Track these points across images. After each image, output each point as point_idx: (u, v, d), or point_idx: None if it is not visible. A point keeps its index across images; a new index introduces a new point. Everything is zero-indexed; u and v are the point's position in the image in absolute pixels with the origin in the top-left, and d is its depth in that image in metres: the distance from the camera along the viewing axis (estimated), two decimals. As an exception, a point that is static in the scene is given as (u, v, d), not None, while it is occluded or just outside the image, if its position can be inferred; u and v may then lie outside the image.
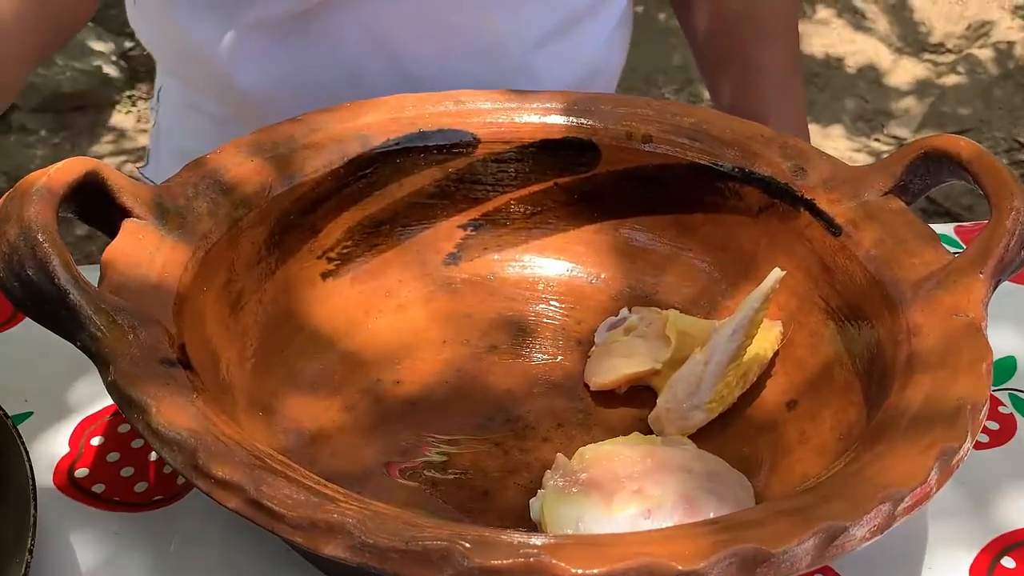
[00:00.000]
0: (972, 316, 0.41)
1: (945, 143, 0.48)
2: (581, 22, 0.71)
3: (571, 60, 0.71)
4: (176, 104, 0.78)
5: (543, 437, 0.49)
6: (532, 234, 0.59)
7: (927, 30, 2.51)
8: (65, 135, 2.12)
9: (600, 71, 0.74)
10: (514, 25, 0.68)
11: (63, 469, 0.47)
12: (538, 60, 0.69)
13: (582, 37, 0.71)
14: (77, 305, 0.37)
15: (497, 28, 0.68)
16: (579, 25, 0.70)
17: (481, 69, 0.67)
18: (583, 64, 0.72)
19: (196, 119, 0.76)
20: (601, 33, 0.72)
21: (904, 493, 0.33)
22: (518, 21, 0.68)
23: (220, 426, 0.35)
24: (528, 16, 0.68)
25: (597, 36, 0.72)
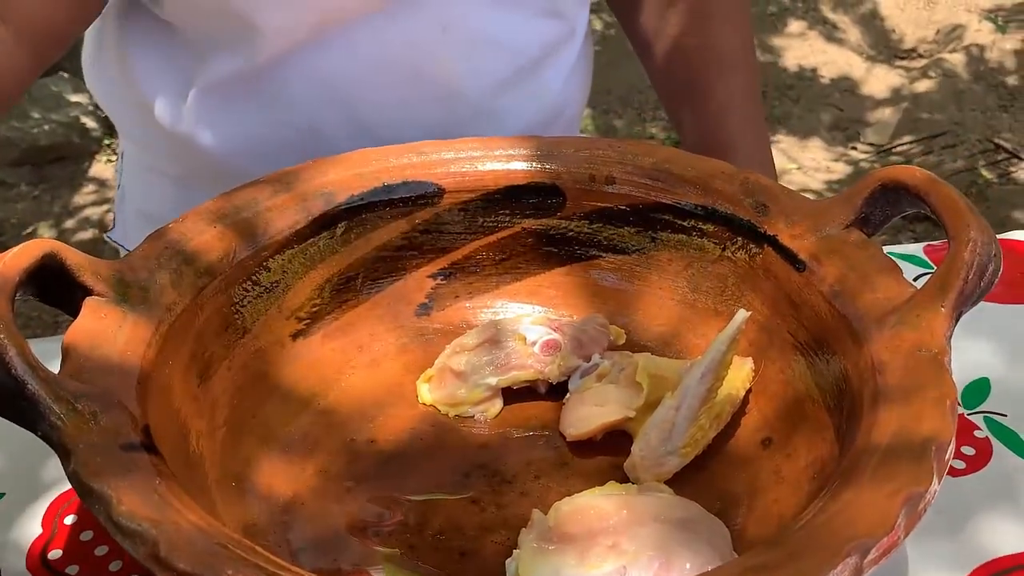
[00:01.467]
0: (935, 351, 0.41)
1: (902, 174, 0.48)
2: (539, 65, 0.71)
3: (532, 102, 0.71)
4: (137, 167, 0.78)
5: (520, 491, 0.49)
6: (503, 280, 0.60)
7: (898, 37, 2.54)
8: (45, 187, 2.12)
9: (562, 110, 0.74)
10: (470, 72, 0.68)
11: (36, 553, 0.47)
12: (498, 104, 0.70)
13: (541, 79, 0.71)
14: (36, 395, 0.37)
15: (453, 75, 0.68)
16: (537, 68, 0.71)
17: (441, 115, 0.68)
18: (545, 105, 0.72)
19: (157, 181, 0.76)
20: (560, 73, 0.72)
21: (871, 544, 0.33)
22: (473, 68, 0.68)
23: (184, 512, 0.34)
24: (482, 63, 0.68)
25: (556, 77, 0.72)
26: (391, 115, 0.67)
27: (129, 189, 0.79)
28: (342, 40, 0.65)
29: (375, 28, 0.65)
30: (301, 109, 0.67)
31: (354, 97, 0.67)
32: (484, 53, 0.68)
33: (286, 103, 0.66)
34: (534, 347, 0.53)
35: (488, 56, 0.68)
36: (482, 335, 0.54)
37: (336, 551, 0.45)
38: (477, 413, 0.53)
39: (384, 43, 0.65)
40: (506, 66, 0.69)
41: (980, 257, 0.43)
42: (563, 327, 0.54)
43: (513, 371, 0.53)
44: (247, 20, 0.63)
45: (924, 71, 2.38)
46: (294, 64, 0.65)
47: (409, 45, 0.66)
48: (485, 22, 0.67)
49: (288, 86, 0.66)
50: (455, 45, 0.67)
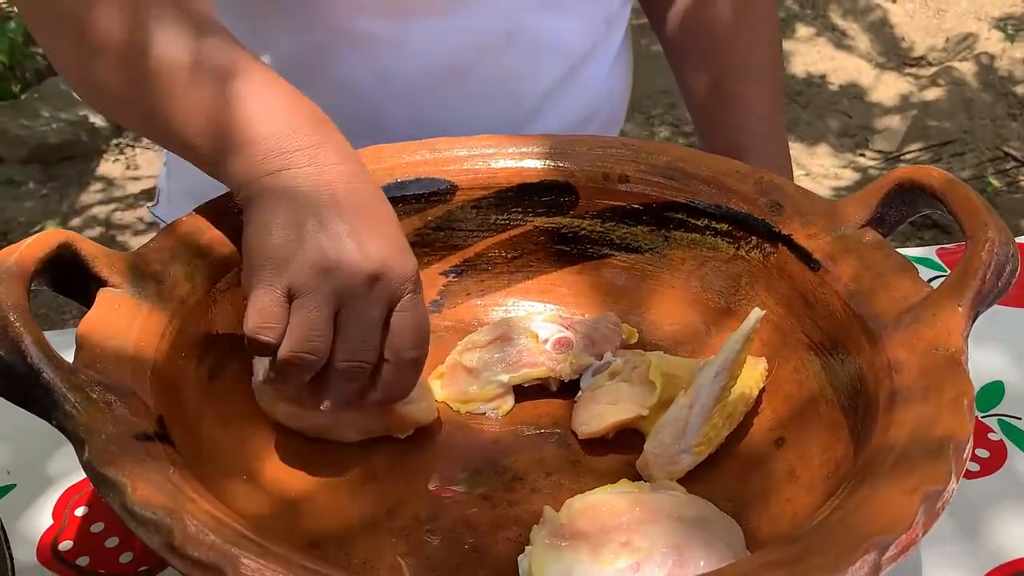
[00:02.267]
0: (952, 350, 0.41)
1: (918, 174, 0.48)
2: (584, 64, 0.71)
3: (574, 101, 0.72)
4: None
5: (532, 488, 0.48)
6: (514, 278, 0.59)
7: (908, 45, 2.53)
8: (53, 186, 2.12)
9: (601, 107, 0.74)
10: (530, 75, 0.69)
11: (47, 543, 0.47)
12: (547, 104, 0.70)
13: (584, 78, 0.72)
14: (51, 383, 0.37)
15: (513, 78, 0.68)
16: (582, 67, 0.71)
17: (497, 115, 0.68)
18: (585, 104, 0.73)
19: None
20: (599, 71, 0.73)
21: (889, 541, 0.33)
22: (532, 71, 0.69)
23: (198, 501, 0.34)
24: (541, 66, 0.69)
25: (596, 75, 0.73)
26: (451, 113, 0.67)
27: (174, 167, 0.79)
28: (411, 36, 0.65)
29: (444, 28, 0.65)
30: (364, 98, 0.66)
31: (415, 93, 0.67)
32: (543, 57, 0.69)
33: (349, 92, 0.66)
34: (546, 345, 0.53)
35: (546, 60, 0.69)
36: (494, 332, 0.54)
37: (348, 546, 0.45)
38: (488, 410, 0.53)
39: (452, 43, 0.66)
40: (560, 69, 0.70)
41: (998, 257, 0.43)
42: (575, 325, 0.54)
43: (525, 368, 0.53)
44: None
45: (933, 79, 2.38)
46: (360, 55, 0.65)
47: (475, 47, 0.66)
48: (546, 27, 0.68)
49: (350, 75, 0.66)
50: (518, 49, 0.67)
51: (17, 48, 2.26)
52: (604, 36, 0.73)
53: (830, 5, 2.66)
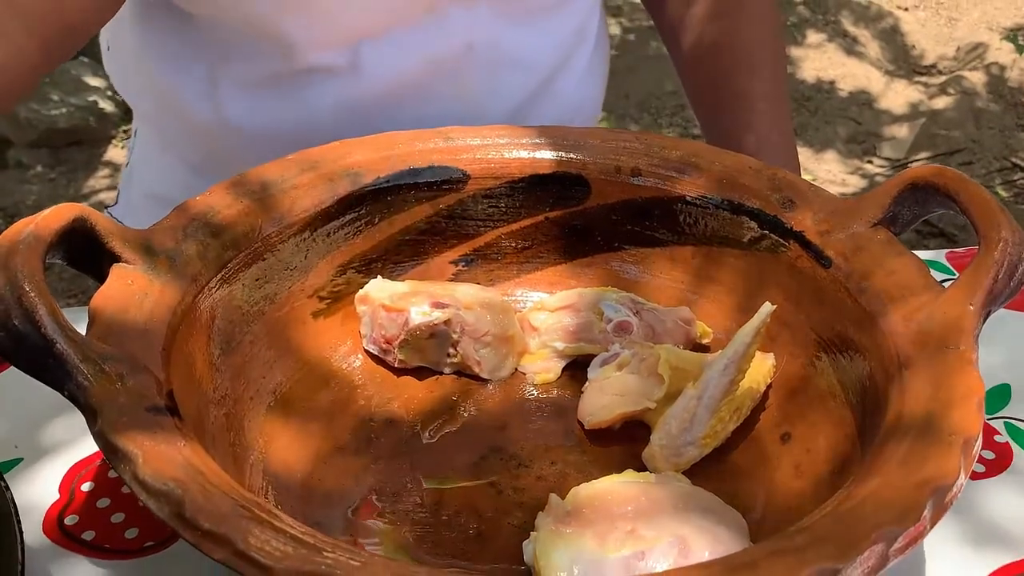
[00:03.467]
0: (963, 348, 0.41)
1: (932, 174, 0.48)
2: (553, 78, 0.71)
3: (546, 114, 0.71)
4: (151, 148, 0.78)
5: (537, 475, 0.48)
6: (523, 268, 0.60)
7: (918, 53, 2.53)
8: (61, 171, 2.13)
9: (572, 119, 0.74)
10: (492, 91, 0.68)
11: (52, 517, 0.47)
12: (516, 120, 0.70)
13: (554, 92, 0.72)
14: (64, 354, 0.37)
15: (476, 94, 0.68)
16: (551, 81, 0.71)
17: None
18: (556, 117, 0.72)
19: (169, 163, 0.76)
20: (573, 78, 0.73)
21: (898, 532, 0.33)
22: (495, 87, 0.68)
23: (207, 475, 0.34)
24: (504, 82, 0.69)
25: (567, 87, 0.73)
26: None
27: (139, 169, 0.79)
28: (367, 60, 0.65)
29: (400, 49, 0.65)
30: (326, 121, 0.67)
31: (377, 116, 0.67)
32: (506, 72, 0.68)
33: (309, 119, 0.66)
34: (608, 325, 0.54)
35: (510, 76, 0.69)
36: (565, 300, 0.55)
37: (352, 529, 0.45)
38: (531, 373, 0.54)
39: (409, 64, 0.65)
40: (526, 84, 0.70)
41: (1011, 257, 0.43)
42: (643, 312, 0.54)
43: (581, 342, 0.53)
44: (277, 33, 0.62)
45: (943, 88, 2.38)
46: (318, 84, 0.66)
47: (434, 66, 0.66)
48: (509, 42, 0.67)
49: (312, 97, 0.66)
50: (479, 64, 0.67)
51: (28, 32, 2.26)
52: (574, 48, 0.72)
53: (841, 11, 2.66)
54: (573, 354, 0.55)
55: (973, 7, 2.68)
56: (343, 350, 0.55)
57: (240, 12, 0.62)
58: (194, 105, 0.68)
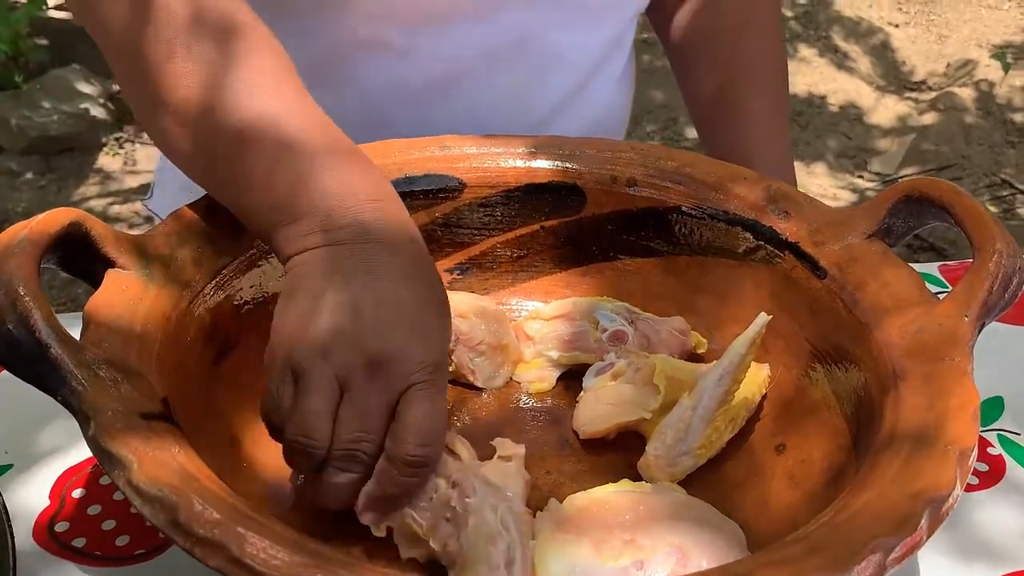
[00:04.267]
0: (958, 360, 0.41)
1: (927, 186, 0.48)
2: (592, 78, 0.72)
3: (581, 113, 0.72)
4: None
5: (532, 485, 0.48)
6: (519, 277, 0.60)
7: (908, 69, 2.55)
8: (52, 178, 2.12)
9: (604, 120, 0.74)
10: (539, 86, 0.69)
11: (43, 523, 0.46)
12: (554, 116, 0.70)
13: (591, 92, 0.72)
14: (58, 359, 0.37)
15: (523, 88, 0.68)
16: (590, 81, 0.71)
17: (505, 124, 0.67)
18: (590, 116, 0.73)
19: None
20: (606, 86, 0.73)
21: (894, 543, 0.33)
22: (542, 83, 0.69)
23: (202, 481, 0.34)
24: (551, 78, 0.69)
25: (603, 89, 0.73)
26: (459, 121, 0.67)
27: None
28: (423, 44, 0.65)
29: (457, 37, 0.65)
30: (373, 103, 0.66)
31: (426, 99, 0.67)
32: (554, 69, 0.69)
33: (359, 96, 0.66)
34: (604, 334, 0.54)
35: (557, 72, 0.69)
36: (560, 309, 0.55)
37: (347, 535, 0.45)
38: (526, 383, 0.54)
39: (464, 52, 0.66)
40: (569, 82, 0.70)
41: (1005, 269, 0.43)
42: (639, 322, 0.55)
43: (576, 351, 0.53)
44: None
45: (933, 104, 2.40)
46: (372, 61, 0.65)
47: (487, 57, 0.66)
48: (559, 40, 0.68)
49: (363, 80, 0.66)
50: (530, 61, 0.67)
51: (20, 38, 2.26)
52: (612, 53, 0.73)
53: (832, 26, 2.68)
54: (568, 363, 0.55)
55: (963, 24, 2.70)
56: (337, 358, 0.55)
57: None
58: None
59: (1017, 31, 2.66)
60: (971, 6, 2.79)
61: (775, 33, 0.76)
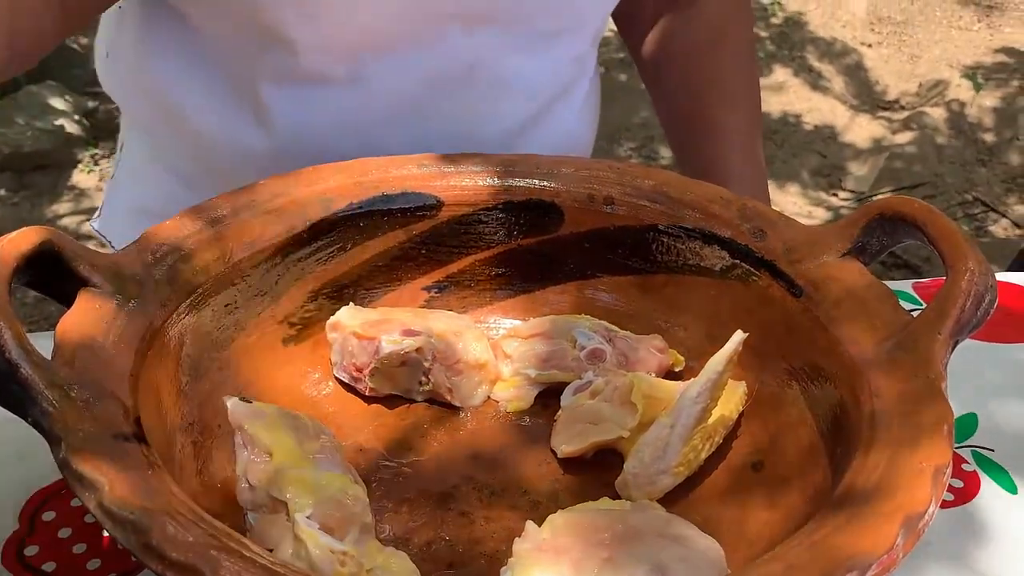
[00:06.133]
0: (932, 377, 0.41)
1: (900, 205, 0.49)
2: (552, 106, 0.71)
3: (541, 142, 0.72)
4: (140, 160, 0.77)
5: (509, 504, 0.48)
6: (496, 295, 0.59)
7: (881, 89, 2.59)
8: (25, 195, 2.10)
9: (569, 149, 0.74)
10: (491, 115, 0.68)
11: (12, 548, 0.46)
12: (508, 143, 0.70)
13: (551, 120, 0.72)
14: (29, 380, 0.36)
15: (474, 117, 0.68)
16: (550, 109, 0.71)
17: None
18: (552, 145, 0.72)
19: (157, 175, 0.75)
20: (571, 111, 0.73)
21: (870, 561, 0.33)
22: (494, 111, 0.68)
23: (175, 503, 0.34)
24: (504, 106, 0.69)
25: (568, 115, 0.73)
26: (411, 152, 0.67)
27: (125, 182, 0.78)
28: (369, 74, 0.64)
29: (403, 66, 0.64)
30: (321, 136, 0.66)
31: (375, 130, 0.66)
32: (506, 96, 0.68)
33: (306, 130, 0.66)
34: (581, 352, 0.54)
35: (510, 99, 0.69)
36: (538, 327, 0.55)
37: (322, 557, 0.44)
38: (504, 400, 0.54)
39: (411, 81, 0.65)
40: (525, 109, 0.70)
41: (977, 287, 0.44)
42: (616, 340, 0.54)
43: (554, 370, 0.53)
44: (280, 35, 0.62)
45: (906, 123, 2.43)
46: (317, 94, 0.65)
47: (436, 85, 0.66)
48: (510, 66, 0.67)
49: (310, 114, 0.65)
50: (481, 89, 0.67)
51: (-6, 55, 2.24)
52: (574, 77, 0.73)
53: (807, 47, 2.71)
54: (546, 381, 0.55)
55: (934, 44, 2.75)
56: (313, 377, 0.54)
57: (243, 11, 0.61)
58: (193, 113, 0.68)
59: (987, 51, 2.71)
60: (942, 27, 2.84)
61: (747, 50, 0.76)
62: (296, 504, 0.39)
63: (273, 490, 0.41)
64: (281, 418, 0.44)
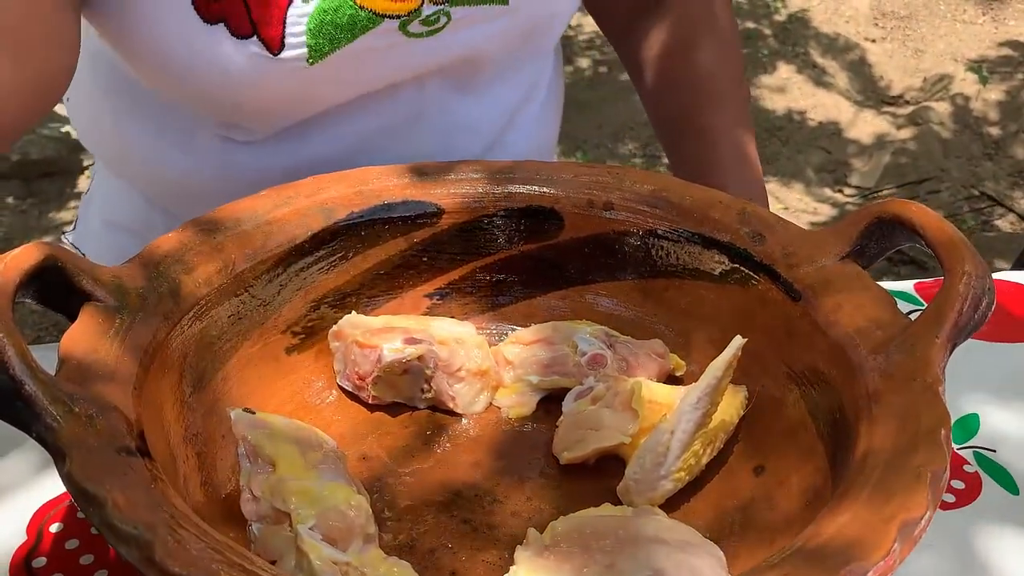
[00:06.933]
0: (930, 381, 0.42)
1: (898, 208, 0.49)
2: (503, 134, 0.72)
3: (510, 149, 0.72)
4: (109, 179, 0.78)
5: (511, 511, 0.48)
6: (498, 302, 0.60)
7: (885, 84, 2.58)
8: (33, 202, 2.11)
9: (534, 151, 0.75)
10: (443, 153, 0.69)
11: (20, 559, 0.46)
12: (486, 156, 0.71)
13: (505, 145, 0.72)
14: (33, 396, 0.37)
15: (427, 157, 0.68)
16: (501, 138, 0.72)
17: None
18: (519, 152, 0.73)
19: (127, 194, 0.76)
20: (521, 135, 0.73)
21: (867, 568, 0.33)
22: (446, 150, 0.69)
23: (178, 517, 0.34)
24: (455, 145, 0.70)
25: (519, 139, 0.73)
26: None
27: (97, 196, 0.79)
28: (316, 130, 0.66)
29: (350, 119, 0.66)
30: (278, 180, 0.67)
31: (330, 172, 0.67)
32: (457, 136, 0.70)
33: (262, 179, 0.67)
34: (582, 358, 0.54)
35: (461, 139, 0.70)
36: (539, 333, 0.56)
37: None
38: (505, 407, 0.54)
39: (359, 131, 0.67)
40: (476, 145, 0.71)
41: (974, 290, 0.44)
42: (617, 345, 0.55)
43: (555, 376, 0.53)
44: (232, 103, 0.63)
45: (910, 118, 2.42)
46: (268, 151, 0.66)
47: (384, 133, 0.67)
48: (458, 110, 0.69)
49: (265, 165, 0.66)
50: (430, 130, 0.68)
51: None
52: (522, 107, 0.73)
53: (810, 43, 2.70)
54: (548, 387, 0.55)
55: (938, 39, 2.74)
56: (317, 386, 0.55)
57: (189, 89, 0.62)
58: (150, 159, 0.69)
59: (992, 45, 2.70)
60: (946, 21, 2.83)
61: (729, 46, 0.75)
62: (299, 515, 0.40)
63: (276, 501, 0.41)
64: (284, 429, 0.45)
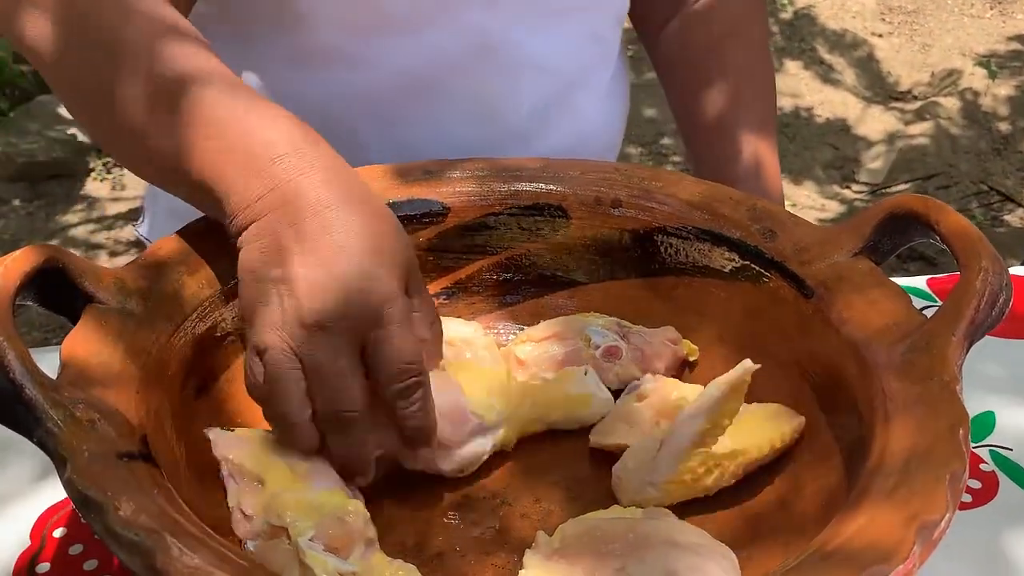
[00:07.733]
0: (947, 379, 0.41)
1: (911, 203, 0.48)
2: (574, 88, 0.70)
3: (566, 127, 0.71)
4: None
5: (521, 514, 0.48)
6: (505, 301, 0.59)
7: (893, 80, 2.56)
8: (39, 204, 2.11)
9: (595, 134, 0.73)
10: (509, 93, 0.67)
11: (23, 565, 0.46)
12: (532, 127, 0.69)
13: (576, 103, 0.71)
14: (33, 400, 0.36)
15: (491, 96, 0.67)
16: (572, 91, 0.70)
17: (477, 136, 0.66)
18: (578, 131, 0.72)
19: None
20: (593, 97, 0.72)
21: (887, 572, 0.32)
22: (511, 89, 0.67)
23: (181, 523, 0.33)
24: (521, 85, 0.68)
25: (590, 101, 0.72)
26: (427, 133, 0.66)
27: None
28: (377, 53, 0.64)
29: (412, 45, 0.63)
30: (336, 118, 0.65)
31: (388, 112, 0.66)
32: (524, 76, 0.67)
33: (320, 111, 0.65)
34: (596, 351, 0.53)
35: (528, 79, 0.68)
36: (550, 329, 0.54)
37: (332, 571, 0.44)
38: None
39: (421, 60, 0.64)
40: (544, 89, 0.69)
41: (991, 286, 0.43)
42: (630, 336, 0.54)
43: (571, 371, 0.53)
44: (294, 9, 0.61)
45: (919, 114, 2.41)
46: (327, 73, 0.65)
47: (446, 64, 0.65)
48: (524, 44, 0.66)
49: (328, 96, 0.65)
50: (494, 67, 0.66)
51: (6, 66, 2.26)
52: (597, 59, 0.72)
53: (817, 39, 2.69)
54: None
55: (946, 34, 2.72)
56: (322, 387, 0.54)
57: None
58: None
59: (1000, 39, 2.68)
60: (954, 15, 2.81)
61: (761, 47, 0.75)
62: (296, 528, 0.39)
63: (271, 517, 0.40)
64: (267, 442, 0.44)
